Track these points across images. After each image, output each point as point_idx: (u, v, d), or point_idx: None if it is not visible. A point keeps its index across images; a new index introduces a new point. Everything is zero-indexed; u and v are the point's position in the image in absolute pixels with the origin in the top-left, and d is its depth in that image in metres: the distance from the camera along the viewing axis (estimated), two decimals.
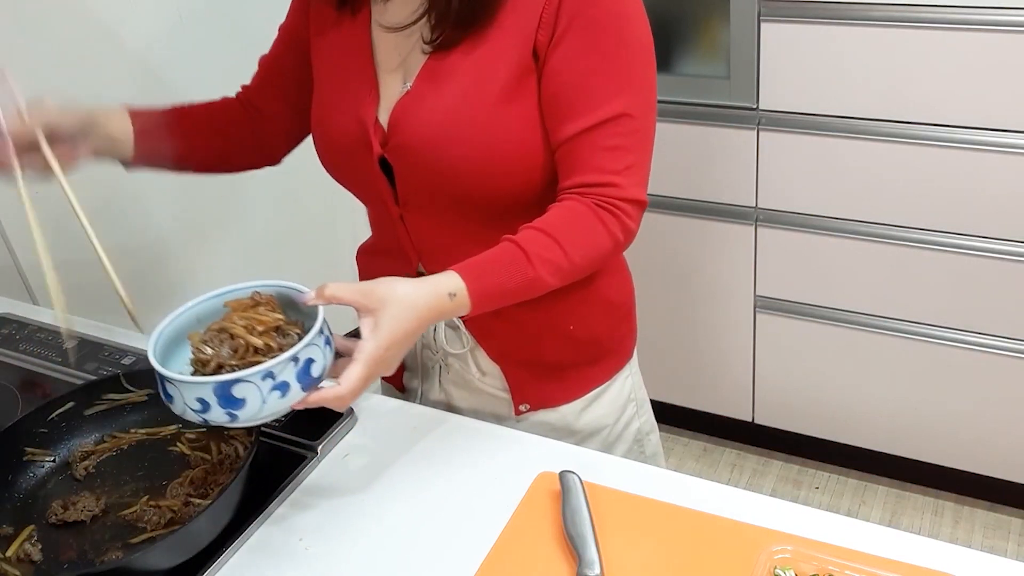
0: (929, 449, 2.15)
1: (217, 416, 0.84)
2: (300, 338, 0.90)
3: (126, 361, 1.23)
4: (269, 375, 0.83)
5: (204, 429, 1.07)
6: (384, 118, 1.04)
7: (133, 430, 1.09)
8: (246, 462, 0.94)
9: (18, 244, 1.59)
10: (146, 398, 1.09)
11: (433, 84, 1.01)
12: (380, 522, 0.97)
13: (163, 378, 0.86)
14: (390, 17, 1.04)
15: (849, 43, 1.79)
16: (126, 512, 0.99)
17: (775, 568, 0.84)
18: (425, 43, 1.01)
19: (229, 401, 0.83)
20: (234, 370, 0.85)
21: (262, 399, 0.84)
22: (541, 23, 0.97)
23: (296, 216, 2.08)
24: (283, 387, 0.85)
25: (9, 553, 0.95)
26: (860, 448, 2.24)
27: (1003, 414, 2.01)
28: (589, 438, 1.20)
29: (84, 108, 1.07)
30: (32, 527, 0.98)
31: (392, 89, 1.05)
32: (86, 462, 1.06)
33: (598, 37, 0.97)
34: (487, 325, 0.98)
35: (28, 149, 1.01)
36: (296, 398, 0.86)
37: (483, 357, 1.16)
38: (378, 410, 1.13)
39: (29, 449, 1.05)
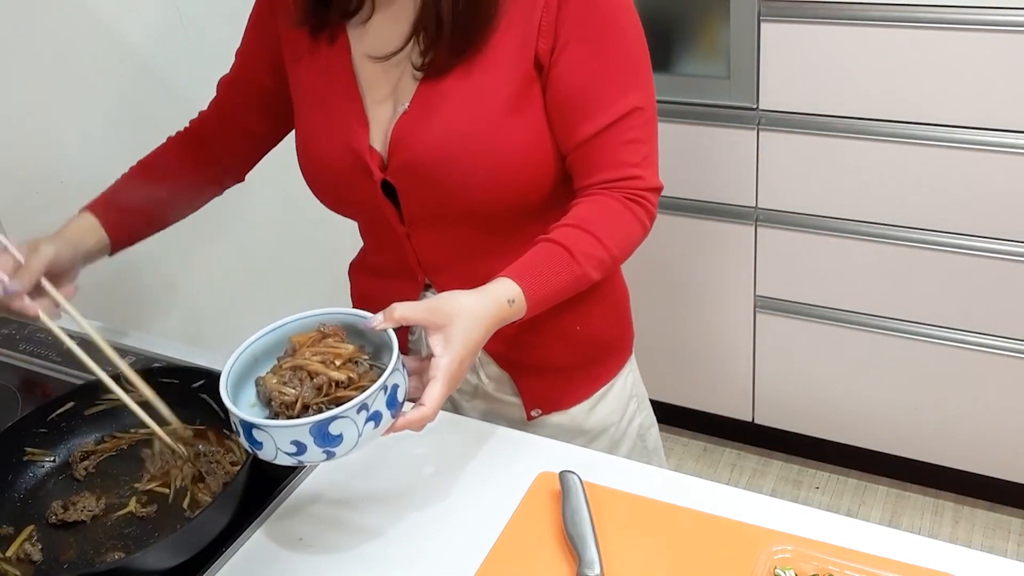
0: (929, 449, 2.15)
1: (313, 456, 0.82)
2: (369, 364, 0.90)
3: (126, 361, 1.23)
4: (364, 407, 0.82)
5: (203, 428, 1.07)
6: (378, 143, 1.03)
7: (133, 430, 1.09)
8: (246, 462, 0.94)
9: (18, 243, 1.59)
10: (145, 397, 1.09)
11: (431, 105, 1.00)
12: (380, 522, 0.97)
13: (251, 425, 0.83)
14: (372, 43, 1.03)
15: (849, 43, 1.79)
16: (126, 512, 0.99)
17: (775, 568, 0.84)
18: (416, 69, 1.00)
19: (327, 439, 0.81)
20: (321, 408, 0.84)
21: (358, 432, 0.82)
22: (541, 32, 0.97)
23: (297, 217, 2.08)
24: (376, 417, 0.83)
25: (9, 553, 0.95)
26: (860, 448, 2.24)
27: (1003, 414, 2.01)
28: (598, 437, 1.21)
29: (65, 238, 1.07)
30: (32, 527, 0.98)
31: (382, 115, 1.03)
32: (86, 462, 1.06)
33: (603, 38, 0.97)
34: (496, 333, 0.99)
35: (38, 294, 1.00)
36: (387, 426, 0.85)
37: (492, 365, 1.16)
38: None
39: (29, 449, 1.05)
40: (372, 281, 1.21)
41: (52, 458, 1.06)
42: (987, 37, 1.67)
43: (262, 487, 1.00)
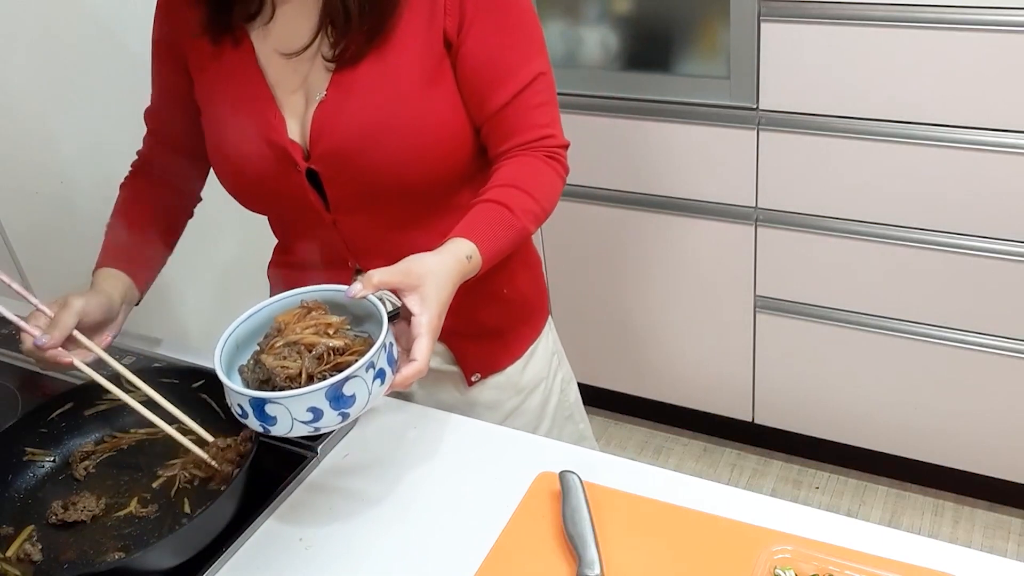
0: (929, 449, 2.15)
1: (329, 420, 0.85)
2: (354, 334, 0.93)
3: (126, 361, 1.23)
4: (371, 365, 0.85)
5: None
6: (296, 134, 1.05)
7: (133, 430, 1.09)
8: (246, 462, 0.95)
9: (18, 244, 1.60)
10: (146, 398, 1.09)
11: (348, 91, 1.03)
12: (380, 522, 0.97)
13: (263, 401, 0.84)
14: (278, 40, 1.05)
15: (849, 43, 1.79)
16: (126, 512, 0.99)
17: (775, 568, 0.84)
18: (328, 60, 1.02)
19: (341, 401, 0.84)
20: (324, 376, 0.86)
21: (368, 390, 0.86)
22: (446, 12, 1.01)
23: None
24: (381, 375, 0.87)
25: (9, 553, 0.95)
26: (860, 448, 2.24)
27: (1003, 414, 2.01)
28: (533, 392, 1.27)
29: (96, 289, 1.07)
30: (32, 527, 0.98)
31: (295, 106, 1.05)
32: (86, 462, 1.06)
33: (503, 12, 1.04)
34: None
35: (73, 345, 1.01)
36: (390, 382, 0.88)
37: None
38: (378, 410, 1.13)
39: (29, 449, 1.05)
40: (298, 275, 1.22)
41: (52, 458, 1.06)
42: (987, 37, 1.67)
43: (262, 487, 1.00)
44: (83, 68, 1.65)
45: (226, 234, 1.96)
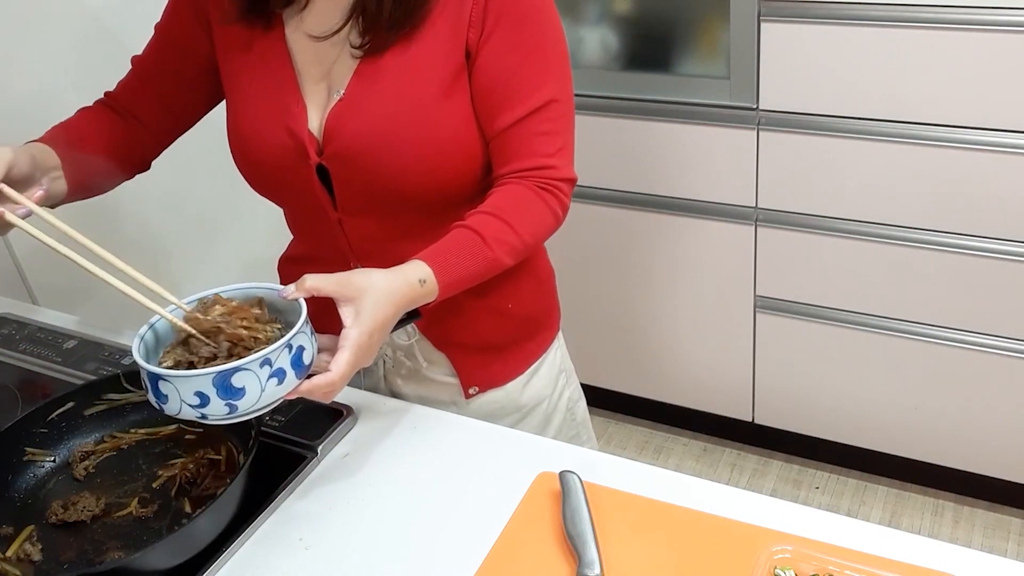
0: (929, 449, 2.15)
1: (216, 409, 0.84)
2: (281, 333, 0.91)
3: (126, 361, 1.23)
4: (267, 362, 0.84)
5: (202, 430, 1.07)
6: (315, 127, 1.05)
7: (133, 430, 1.09)
8: (246, 462, 0.95)
9: (18, 244, 1.60)
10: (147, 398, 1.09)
11: (367, 88, 1.02)
12: (380, 522, 0.97)
13: (156, 377, 0.85)
14: (311, 25, 1.04)
15: (849, 43, 1.79)
16: (126, 512, 0.99)
17: (775, 568, 0.84)
18: (354, 48, 1.02)
19: (229, 391, 0.83)
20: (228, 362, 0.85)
21: (260, 387, 0.85)
22: (471, 23, 1.00)
23: None
24: (280, 374, 0.86)
25: (9, 553, 0.95)
26: (860, 448, 2.24)
27: (1003, 414, 2.01)
28: (532, 412, 1.25)
29: (23, 148, 1.00)
30: (32, 527, 0.98)
31: (318, 98, 1.05)
32: (86, 462, 1.06)
33: (523, 32, 1.01)
34: (431, 314, 1.01)
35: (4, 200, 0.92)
36: (291, 385, 0.87)
37: (428, 347, 1.18)
38: (378, 410, 1.13)
39: (29, 449, 1.05)
40: (302, 270, 1.21)
41: (52, 458, 1.06)
42: (987, 37, 1.67)
43: (262, 487, 1.00)
44: (85, 72, 1.64)
45: (231, 233, 1.96)
